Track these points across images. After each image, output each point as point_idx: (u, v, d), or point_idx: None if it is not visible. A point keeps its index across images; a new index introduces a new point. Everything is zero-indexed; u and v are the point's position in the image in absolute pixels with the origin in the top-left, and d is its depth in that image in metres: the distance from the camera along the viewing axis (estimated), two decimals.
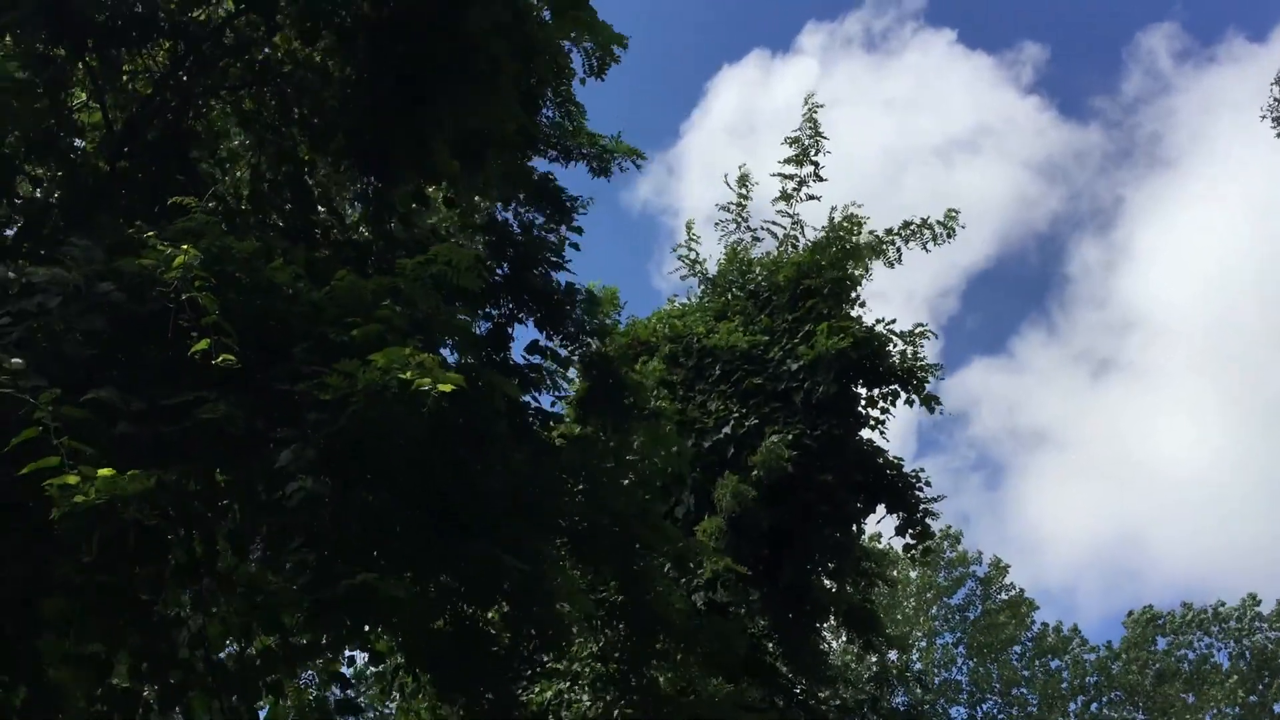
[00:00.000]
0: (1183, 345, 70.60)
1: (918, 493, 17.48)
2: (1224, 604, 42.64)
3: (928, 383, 17.45)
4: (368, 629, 8.34)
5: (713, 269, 19.90)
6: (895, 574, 32.17)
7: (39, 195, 10.52)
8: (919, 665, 38.85)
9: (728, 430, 17.17)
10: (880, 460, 17.59)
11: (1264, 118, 17.47)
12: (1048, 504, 67.52)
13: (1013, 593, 41.58)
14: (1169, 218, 78.48)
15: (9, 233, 9.94)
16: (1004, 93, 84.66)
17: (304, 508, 6.12)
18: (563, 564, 9.38)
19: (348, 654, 9.98)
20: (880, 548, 23.09)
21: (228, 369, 6.12)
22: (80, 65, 10.30)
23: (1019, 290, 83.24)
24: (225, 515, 7.40)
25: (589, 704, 13.34)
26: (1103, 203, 79.49)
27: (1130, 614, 43.67)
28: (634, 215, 77.47)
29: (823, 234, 18.72)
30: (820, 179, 18.87)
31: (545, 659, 14.53)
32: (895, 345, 17.50)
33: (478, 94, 8.98)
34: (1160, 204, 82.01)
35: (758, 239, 19.70)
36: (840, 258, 18.25)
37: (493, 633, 9.48)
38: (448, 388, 6.00)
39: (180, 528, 7.26)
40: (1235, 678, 40.41)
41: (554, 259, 11.65)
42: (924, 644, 40.20)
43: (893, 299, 46.82)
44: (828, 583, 17.63)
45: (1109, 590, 63.85)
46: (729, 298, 19.40)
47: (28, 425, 5.58)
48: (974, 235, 73.87)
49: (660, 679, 11.92)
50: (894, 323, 17.66)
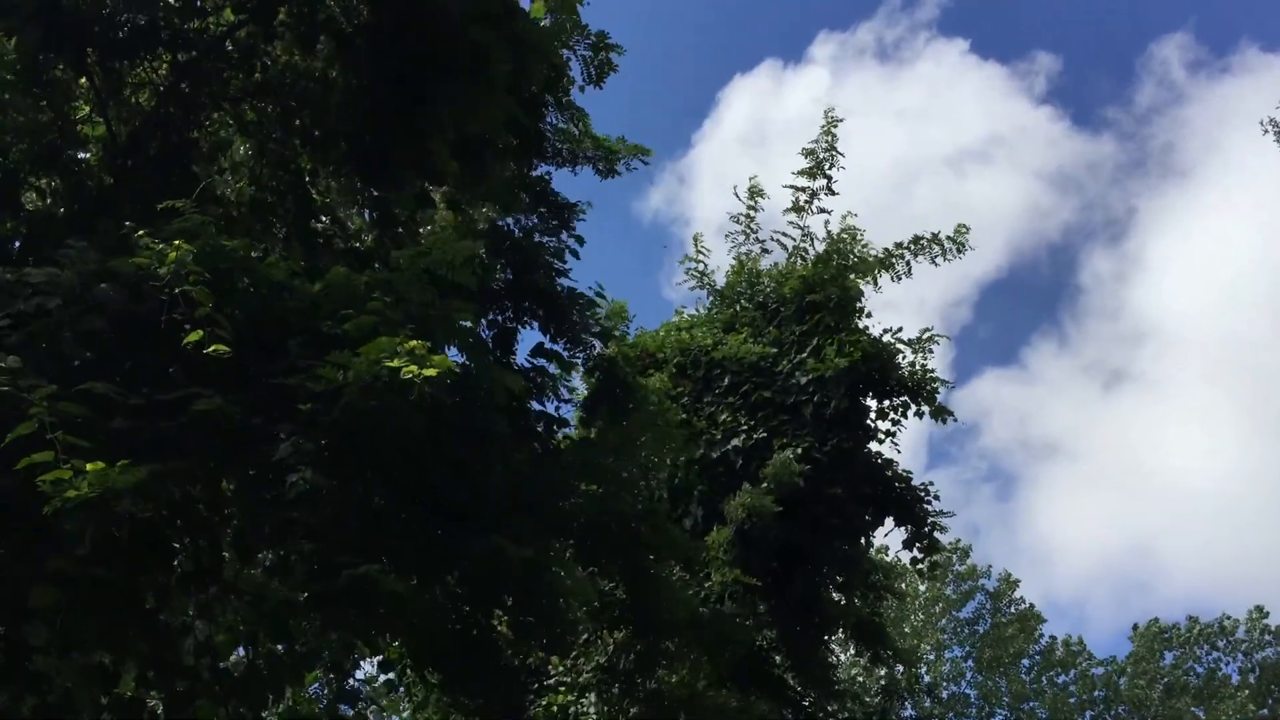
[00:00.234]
0: (1195, 356, 70.41)
1: (926, 506, 17.41)
2: (1230, 617, 42.46)
3: (938, 394, 17.41)
4: (375, 634, 8.34)
5: (721, 280, 19.88)
6: (904, 587, 32.03)
7: (43, 207, 10.55)
8: (928, 679, 38.69)
9: (736, 443, 17.11)
10: (889, 473, 17.52)
11: (1265, 132, 17.44)
12: (1059, 515, 67.26)
13: (1023, 607, 41.44)
14: (1182, 228, 78.27)
15: (16, 245, 10.00)
16: (1016, 103, 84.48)
17: (304, 500, 6.11)
18: (568, 560, 9.33)
19: (355, 657, 9.96)
20: (888, 561, 23.01)
21: (225, 366, 6.15)
22: (83, 79, 10.37)
23: (1031, 301, 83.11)
24: (230, 521, 7.38)
25: (594, 714, 13.29)
26: (1115, 213, 79.29)
27: (1136, 628, 43.48)
28: (645, 225, 77.49)
29: (824, 246, 18.71)
30: (832, 193, 18.86)
31: (552, 671, 14.52)
32: (904, 356, 17.47)
33: (468, 87, 9.00)
34: (1173, 214, 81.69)
35: (766, 250, 19.69)
36: (842, 270, 18.21)
37: (500, 642, 9.44)
38: (433, 372, 6.00)
39: (186, 536, 7.25)
40: (1246, 692, 40.17)
41: (555, 264, 11.66)
42: (932, 657, 40.04)
43: (904, 308, 46.69)
44: (836, 596, 17.56)
45: (1120, 602, 63.59)
46: (737, 309, 19.36)
47: (25, 422, 5.59)
48: (986, 245, 73.63)
49: (669, 679, 11.85)
50: (900, 331, 17.65)
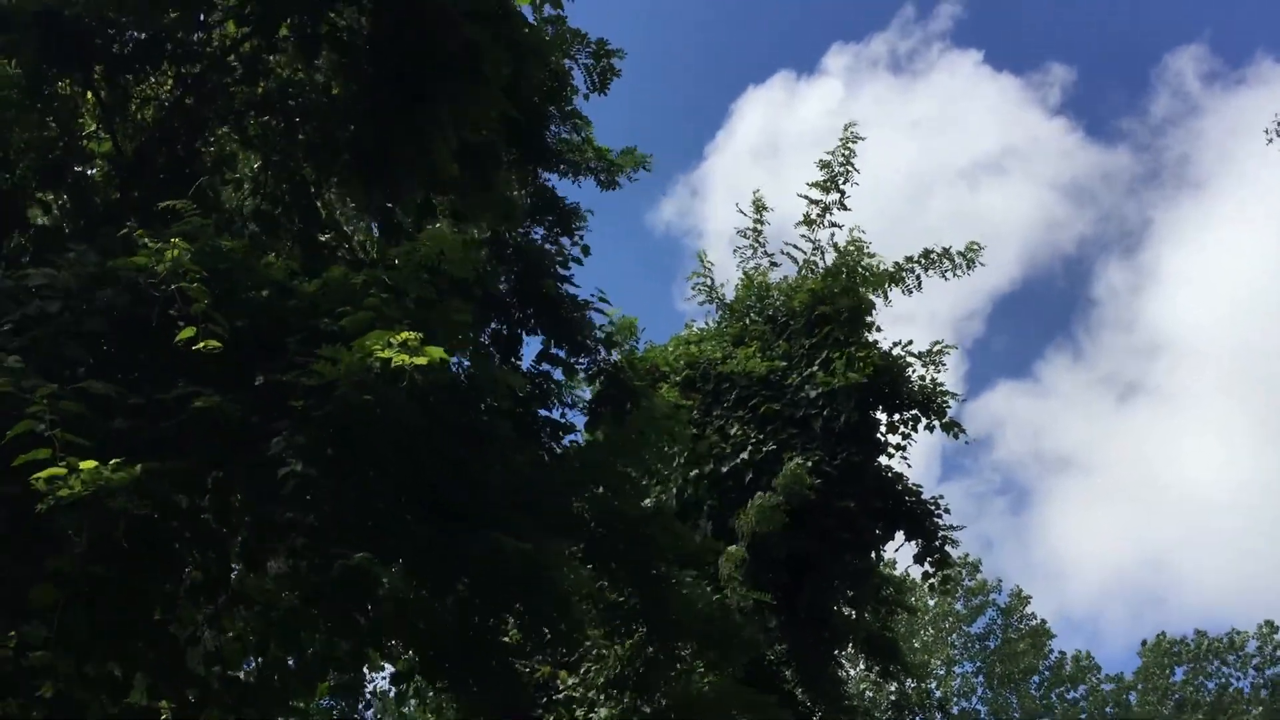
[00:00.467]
0: (1210, 368, 70.18)
1: (937, 520, 17.36)
2: (1239, 632, 42.16)
3: (948, 408, 17.36)
4: (382, 640, 8.32)
5: (730, 294, 19.88)
6: (914, 601, 31.91)
7: (50, 222, 10.60)
8: (939, 694, 38.49)
9: (745, 456, 17.10)
10: (900, 487, 17.48)
11: (1271, 140, 17.38)
12: (1073, 529, 67.17)
13: (1034, 623, 41.24)
14: (1196, 240, 78.11)
15: (24, 260, 10.05)
16: (1031, 114, 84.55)
17: (298, 495, 6.11)
18: (575, 562, 9.32)
19: (365, 670, 9.94)
20: (897, 575, 22.91)
21: (224, 364, 6.18)
22: (89, 94, 10.43)
23: (1045, 313, 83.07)
24: (238, 531, 7.39)
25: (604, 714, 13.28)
26: (1130, 225, 79.20)
27: (1144, 643, 43.21)
28: (657, 237, 77.57)
29: (833, 259, 18.70)
30: (845, 208, 18.86)
31: (561, 685, 14.47)
32: (914, 369, 17.43)
33: (465, 85, 9.07)
34: (1188, 226, 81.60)
35: (775, 264, 19.69)
36: (851, 284, 18.19)
37: (508, 651, 9.42)
38: (424, 360, 5.99)
39: (194, 546, 7.25)
40: (1260, 709, 39.88)
41: (559, 272, 11.65)
42: (943, 672, 39.85)
43: (917, 320, 46.64)
44: (847, 610, 17.49)
45: (1135, 616, 63.34)
46: (746, 323, 19.35)
47: (24, 420, 5.62)
48: (1000, 257, 73.84)
49: (680, 682, 11.82)
50: (911, 344, 17.61)
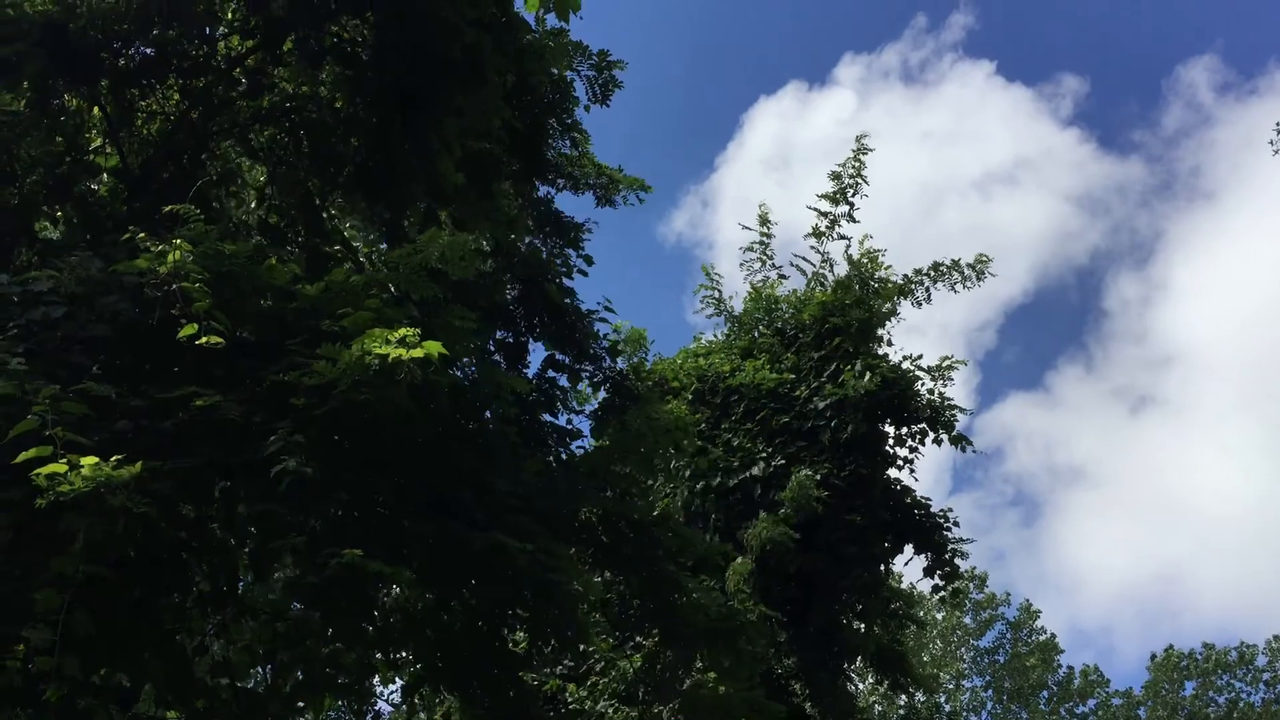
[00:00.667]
0: (1222, 381, 69.81)
1: (946, 532, 17.32)
2: (1249, 645, 41.85)
3: (956, 422, 17.33)
4: (389, 649, 8.32)
5: (739, 306, 19.89)
6: (922, 615, 31.82)
7: (57, 236, 10.67)
8: (948, 707, 38.33)
9: (755, 470, 17.08)
10: (908, 500, 17.45)
11: (1277, 151, 17.29)
12: (1085, 541, 66.78)
13: (1044, 637, 41.06)
14: (1209, 251, 77.71)
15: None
16: (1043, 125, 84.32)
17: (296, 492, 6.10)
18: (583, 568, 9.32)
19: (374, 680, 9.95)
20: (905, 588, 22.84)
21: (226, 365, 6.20)
22: (95, 109, 10.51)
23: (1057, 324, 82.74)
24: (245, 541, 7.41)
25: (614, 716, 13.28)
26: (1142, 236, 78.91)
27: (1153, 657, 42.95)
28: (668, 249, 77.58)
29: (845, 271, 18.73)
30: (854, 220, 18.88)
31: (570, 698, 14.45)
32: (923, 383, 17.42)
33: (465, 88, 9.09)
34: (1200, 238, 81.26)
35: (784, 276, 19.71)
36: (864, 296, 18.20)
37: (516, 656, 9.43)
38: (420, 353, 6.01)
39: (202, 557, 7.27)
40: None
41: (562, 283, 11.71)
42: (952, 686, 39.69)
43: (928, 332, 46.57)
44: (856, 624, 17.45)
45: (1147, 629, 62.88)
46: (755, 335, 19.36)
47: (27, 419, 5.64)
48: (1012, 269, 73.63)
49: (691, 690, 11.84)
50: (920, 358, 17.61)
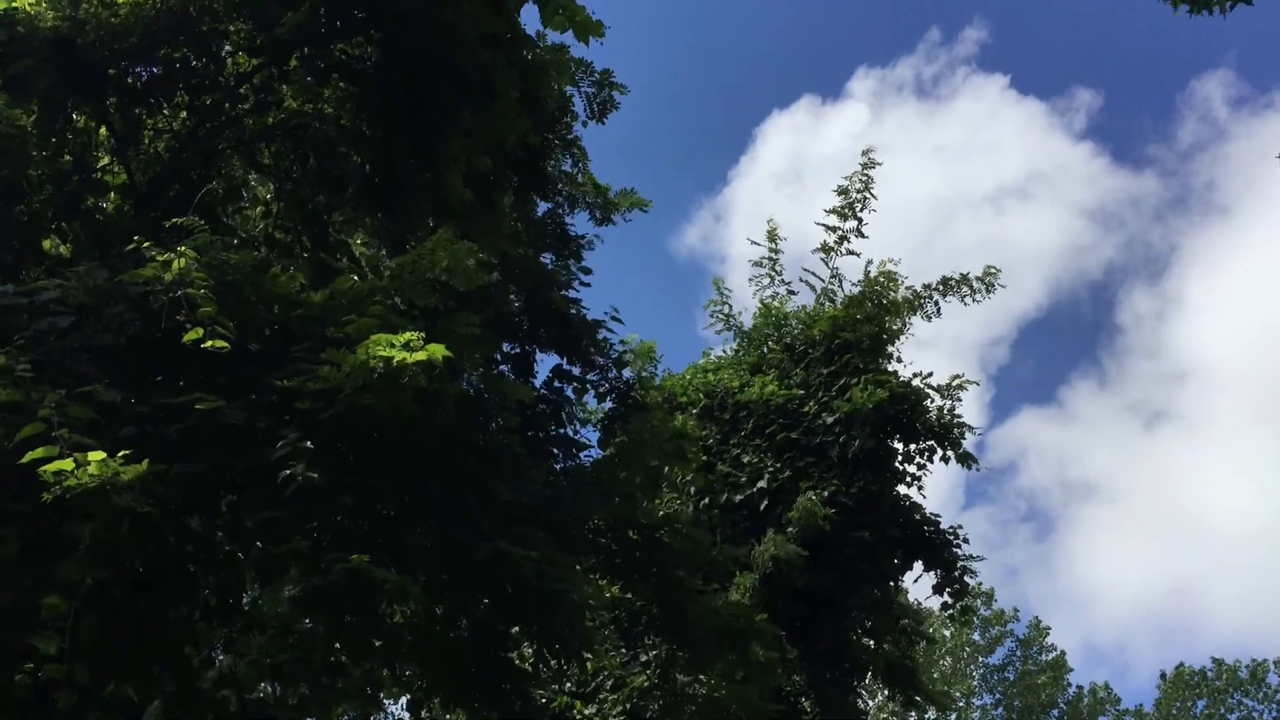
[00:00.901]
0: (1237, 396, 69.47)
1: (955, 549, 17.23)
2: (1259, 662, 41.54)
3: (964, 439, 17.27)
4: (396, 663, 8.29)
5: (749, 322, 19.87)
6: (931, 632, 31.69)
7: (66, 253, 10.72)
8: None
9: (762, 484, 17.03)
10: (917, 516, 17.37)
11: None
12: (1098, 557, 66.45)
13: (1054, 654, 40.87)
14: (1223, 266, 77.47)
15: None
16: (1056, 139, 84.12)
17: (301, 498, 6.09)
18: (592, 577, 9.27)
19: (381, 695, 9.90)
20: (913, 604, 22.75)
21: (231, 372, 6.24)
22: (103, 127, 10.56)
23: (1070, 339, 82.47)
24: (250, 550, 7.40)
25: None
26: (1156, 251, 78.55)
27: (1163, 675, 42.68)
28: (680, 262, 77.61)
29: (859, 288, 18.67)
30: (863, 235, 18.85)
31: (577, 716, 14.39)
32: (932, 400, 17.36)
33: (477, 107, 9.11)
34: (1214, 252, 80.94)
35: (793, 292, 19.68)
36: (877, 313, 18.15)
37: (524, 671, 9.39)
38: (423, 355, 6.01)
39: (209, 572, 7.27)
40: None
41: (566, 294, 11.74)
42: (962, 704, 39.49)
43: (941, 346, 46.45)
44: (866, 641, 17.36)
45: (1161, 646, 62.48)
46: (764, 351, 19.33)
47: (38, 436, 5.65)
48: (1025, 283, 73.47)
49: (700, 691, 11.78)
50: (930, 376, 17.55)
